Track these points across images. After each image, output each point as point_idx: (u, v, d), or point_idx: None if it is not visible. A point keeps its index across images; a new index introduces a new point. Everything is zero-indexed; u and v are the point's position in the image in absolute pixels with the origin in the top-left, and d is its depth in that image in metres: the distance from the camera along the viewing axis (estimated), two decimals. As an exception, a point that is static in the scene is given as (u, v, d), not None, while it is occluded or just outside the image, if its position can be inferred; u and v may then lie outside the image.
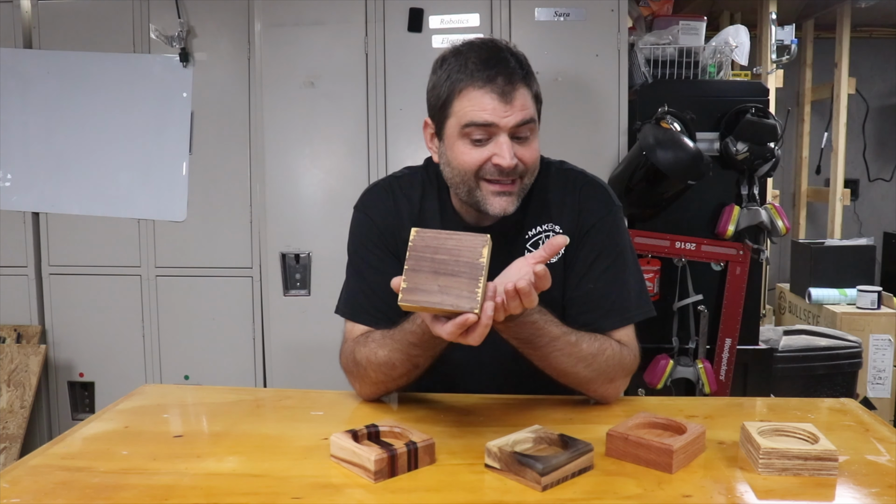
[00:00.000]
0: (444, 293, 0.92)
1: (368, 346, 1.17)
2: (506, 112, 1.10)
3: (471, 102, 1.11)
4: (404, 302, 0.94)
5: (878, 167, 4.06)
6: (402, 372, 1.15)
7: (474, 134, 1.12)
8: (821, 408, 1.22)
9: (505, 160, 1.10)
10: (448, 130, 1.16)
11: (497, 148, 1.11)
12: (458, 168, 1.15)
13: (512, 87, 1.11)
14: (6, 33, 2.52)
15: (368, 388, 1.21)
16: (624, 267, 1.24)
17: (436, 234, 0.96)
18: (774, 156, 2.27)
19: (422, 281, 0.93)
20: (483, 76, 1.11)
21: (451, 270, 0.93)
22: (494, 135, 1.12)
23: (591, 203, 1.25)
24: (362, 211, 1.31)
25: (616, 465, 0.96)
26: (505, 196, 1.14)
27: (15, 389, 2.49)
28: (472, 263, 0.93)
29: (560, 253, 1.22)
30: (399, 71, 2.33)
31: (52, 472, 0.96)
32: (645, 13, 2.49)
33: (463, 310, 0.91)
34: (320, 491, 0.90)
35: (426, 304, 0.93)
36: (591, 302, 1.21)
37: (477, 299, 0.91)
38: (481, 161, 1.12)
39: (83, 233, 2.54)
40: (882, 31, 3.93)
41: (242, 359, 2.52)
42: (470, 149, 1.13)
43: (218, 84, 2.48)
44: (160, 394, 1.37)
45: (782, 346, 2.43)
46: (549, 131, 2.30)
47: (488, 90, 1.10)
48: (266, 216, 2.41)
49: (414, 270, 0.94)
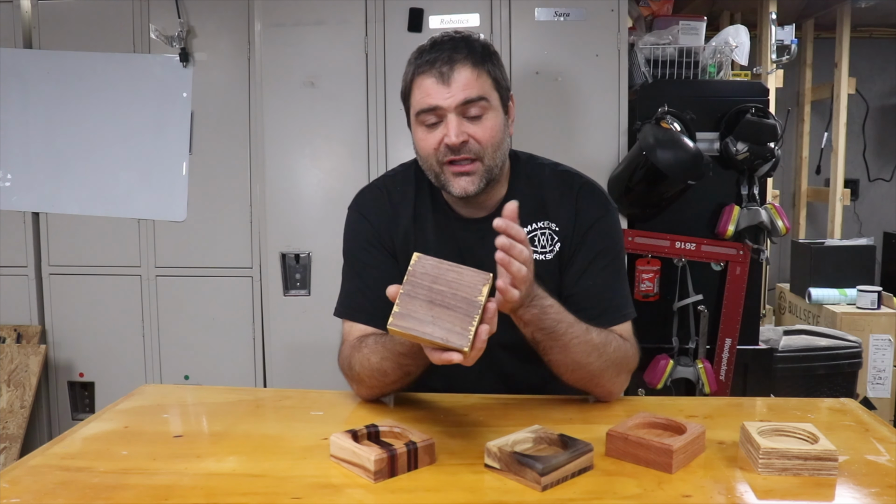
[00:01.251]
0: (435, 324, 0.90)
1: (362, 352, 1.18)
2: (447, 93, 1.16)
3: (419, 89, 1.19)
4: (394, 327, 0.91)
5: (878, 167, 4.05)
6: (394, 379, 1.16)
7: (426, 119, 1.18)
8: (821, 408, 1.22)
9: (450, 138, 1.15)
10: (411, 119, 1.23)
11: (445, 128, 1.17)
12: (421, 154, 1.22)
13: (450, 68, 1.16)
14: (6, 33, 2.52)
15: (365, 391, 1.22)
16: (621, 266, 1.29)
17: (437, 264, 0.94)
18: (774, 156, 2.27)
19: (415, 308, 0.91)
20: (424, 61, 1.19)
21: (447, 303, 0.91)
22: (443, 117, 1.17)
23: (590, 203, 1.27)
24: (357, 211, 1.33)
25: (616, 465, 0.96)
26: (464, 176, 1.18)
27: (15, 389, 2.49)
28: (469, 300, 0.91)
29: (555, 249, 1.26)
30: (399, 71, 2.29)
31: (52, 472, 0.96)
32: (645, 13, 2.49)
33: (453, 345, 0.89)
34: (320, 491, 0.90)
35: (416, 333, 0.90)
36: (591, 298, 1.23)
37: (468, 337, 0.89)
38: (436, 144, 1.18)
39: (83, 233, 2.54)
40: (882, 31, 3.92)
41: (242, 359, 2.52)
42: (426, 134, 1.20)
43: (218, 84, 2.48)
44: (160, 394, 1.37)
45: (782, 346, 2.43)
46: (549, 131, 2.32)
47: (427, 74, 1.18)
48: (266, 216, 2.41)
49: (409, 296, 0.92)
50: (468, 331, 0.89)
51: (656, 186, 2.16)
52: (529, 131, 2.23)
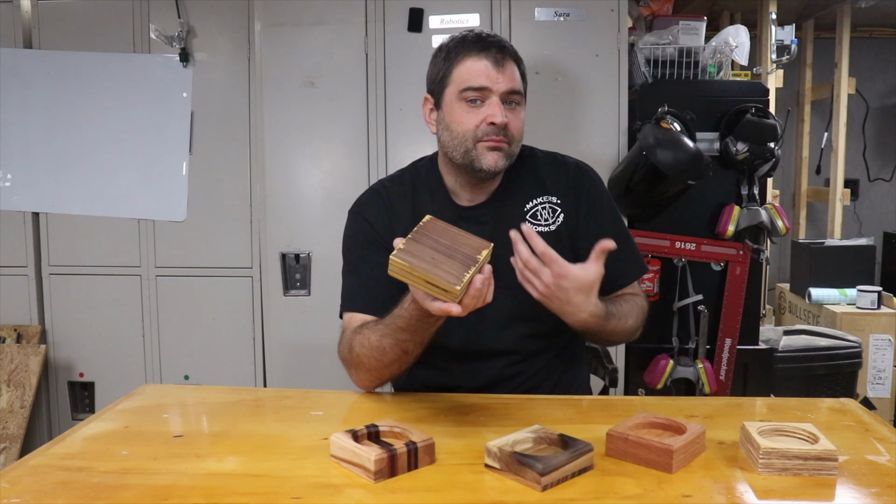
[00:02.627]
0: (434, 265, 0.97)
1: (363, 333, 1.23)
2: (498, 77, 1.26)
3: (468, 69, 1.26)
4: (396, 258, 0.98)
5: (878, 167, 4.05)
6: (392, 358, 1.19)
7: (470, 96, 1.26)
8: (821, 408, 1.22)
9: (497, 118, 1.24)
10: (447, 98, 1.29)
11: (490, 109, 1.25)
12: (457, 131, 1.28)
13: (503, 58, 1.27)
14: (6, 33, 2.52)
15: (364, 376, 1.25)
16: (628, 230, 1.44)
17: (446, 226, 1.03)
18: (774, 156, 2.27)
19: (418, 250, 0.99)
20: (478, 46, 1.27)
21: (448, 253, 1.00)
22: (487, 98, 1.26)
23: (586, 180, 1.39)
24: (356, 212, 1.40)
25: (616, 465, 0.96)
26: (497, 151, 1.27)
27: (15, 389, 2.49)
28: (468, 255, 1.00)
29: (557, 221, 1.35)
30: (399, 71, 2.33)
31: (52, 472, 0.96)
32: (645, 13, 2.49)
33: (446, 283, 0.96)
34: (320, 491, 0.90)
35: (414, 266, 0.97)
36: (616, 268, 1.30)
37: (462, 280, 0.96)
38: (477, 122, 1.26)
39: (83, 233, 2.54)
40: (882, 31, 3.93)
41: (242, 359, 2.52)
42: (467, 111, 1.27)
43: (218, 84, 2.48)
44: (160, 394, 1.37)
45: (782, 346, 2.43)
46: (549, 131, 2.32)
47: (483, 57, 1.26)
48: (266, 216, 2.41)
49: (415, 241, 1.01)
50: (463, 276, 0.97)
51: (656, 186, 2.16)
52: (530, 131, 2.18)
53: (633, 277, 1.37)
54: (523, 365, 1.35)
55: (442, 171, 1.37)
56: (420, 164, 1.42)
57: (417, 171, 1.41)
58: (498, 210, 1.35)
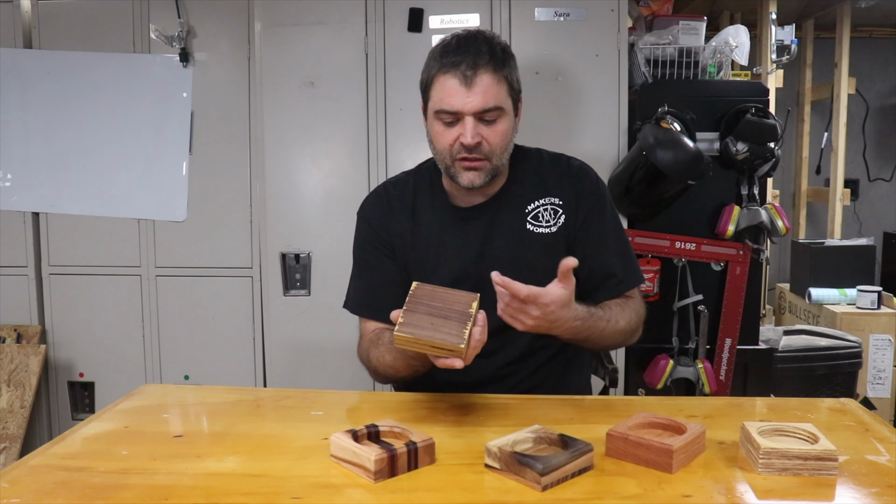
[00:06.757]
0: (435, 330, 1.03)
1: (378, 349, 1.29)
2: (468, 98, 1.23)
3: (441, 88, 1.26)
4: (400, 333, 1.03)
5: (878, 167, 4.05)
6: (404, 375, 1.27)
7: (444, 118, 1.27)
8: (821, 408, 1.22)
9: (466, 138, 1.25)
10: (428, 112, 1.31)
11: (462, 129, 1.26)
12: (436, 147, 1.31)
13: (474, 73, 1.23)
14: (6, 33, 2.52)
15: (380, 379, 1.36)
16: (626, 235, 1.44)
17: (433, 288, 1.09)
18: (774, 156, 2.27)
19: (416, 319, 1.05)
20: (448, 62, 1.24)
21: (443, 314, 1.05)
22: (460, 119, 1.26)
23: (586, 181, 1.39)
24: (360, 216, 1.46)
25: (616, 465, 0.96)
26: (472, 171, 1.28)
27: (15, 389, 2.49)
28: (461, 311, 1.06)
29: (559, 222, 1.36)
30: (399, 71, 2.33)
31: (52, 472, 0.96)
32: (645, 13, 2.49)
33: (450, 344, 1.01)
34: (320, 491, 0.90)
35: (418, 336, 1.03)
36: (613, 272, 1.36)
37: (464, 338, 1.02)
38: (452, 141, 1.27)
39: (83, 233, 2.54)
40: (882, 31, 3.93)
41: (242, 359, 2.52)
42: (442, 130, 1.28)
43: (218, 84, 2.48)
44: (160, 394, 1.37)
45: (782, 346, 2.43)
46: (549, 131, 2.32)
47: (451, 75, 1.24)
48: (266, 216, 2.41)
49: (411, 311, 1.06)
50: (463, 333, 1.03)
51: (656, 186, 2.16)
52: (529, 131, 2.21)
53: (631, 285, 1.38)
54: (523, 364, 1.35)
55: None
56: (424, 167, 1.45)
57: (421, 174, 1.44)
58: (497, 211, 1.36)
